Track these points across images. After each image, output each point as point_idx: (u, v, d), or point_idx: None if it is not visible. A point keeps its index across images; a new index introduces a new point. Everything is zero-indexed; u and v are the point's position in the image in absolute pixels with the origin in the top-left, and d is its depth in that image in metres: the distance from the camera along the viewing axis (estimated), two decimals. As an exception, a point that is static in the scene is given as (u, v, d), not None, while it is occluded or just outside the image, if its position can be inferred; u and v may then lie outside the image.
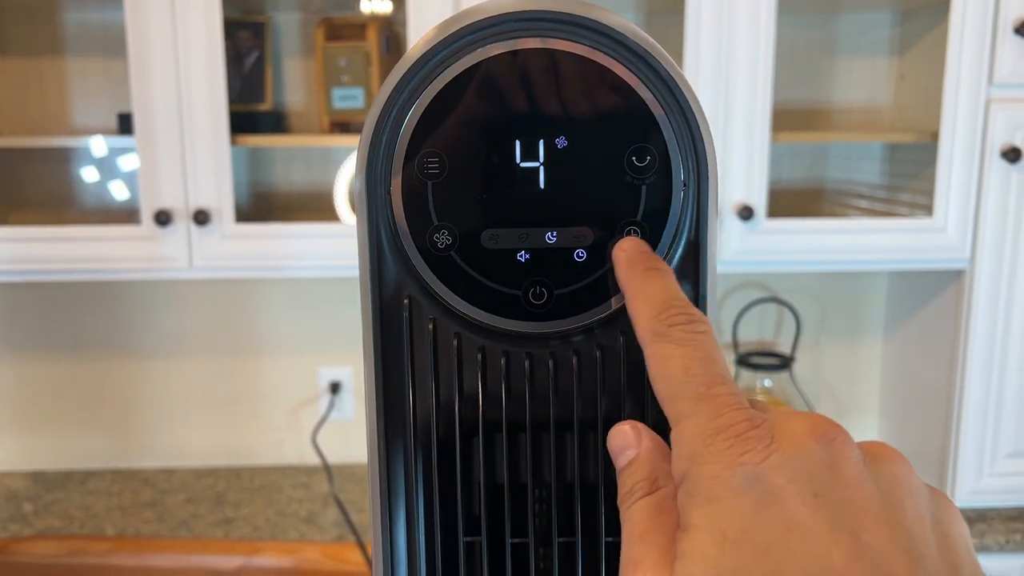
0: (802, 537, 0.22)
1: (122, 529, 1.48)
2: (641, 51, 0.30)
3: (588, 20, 0.30)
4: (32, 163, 1.60)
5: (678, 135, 0.30)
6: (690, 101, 0.30)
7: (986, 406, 1.49)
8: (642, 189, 0.30)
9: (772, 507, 0.23)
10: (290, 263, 1.43)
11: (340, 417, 1.73)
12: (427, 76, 0.30)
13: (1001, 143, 1.40)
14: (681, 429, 0.25)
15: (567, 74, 0.30)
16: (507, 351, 0.31)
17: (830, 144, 1.69)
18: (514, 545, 0.32)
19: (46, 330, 1.70)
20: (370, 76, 1.47)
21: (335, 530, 1.48)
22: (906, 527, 0.23)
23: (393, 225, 0.30)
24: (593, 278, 0.31)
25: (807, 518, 0.22)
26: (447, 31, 0.30)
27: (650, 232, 0.30)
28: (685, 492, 0.25)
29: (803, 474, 0.23)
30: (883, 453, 0.25)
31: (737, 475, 0.23)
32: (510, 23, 0.30)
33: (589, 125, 0.30)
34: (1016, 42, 1.36)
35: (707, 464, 0.24)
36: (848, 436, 0.25)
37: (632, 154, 0.30)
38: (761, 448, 0.24)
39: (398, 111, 0.30)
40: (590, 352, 0.31)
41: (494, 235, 0.30)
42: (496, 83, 0.30)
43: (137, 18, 1.33)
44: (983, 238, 1.43)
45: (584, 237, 0.30)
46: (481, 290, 0.30)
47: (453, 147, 0.30)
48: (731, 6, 1.36)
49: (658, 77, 0.30)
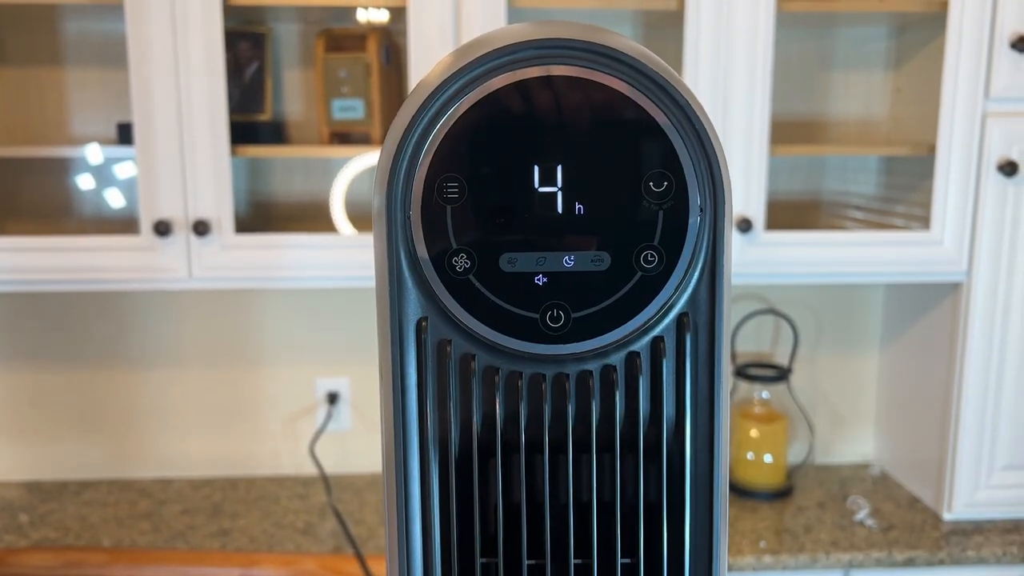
0: None
1: (118, 540, 1.48)
2: (658, 77, 0.30)
3: (605, 48, 0.30)
4: (31, 173, 1.60)
5: (695, 161, 0.30)
6: (706, 127, 0.30)
7: (983, 418, 1.49)
8: (659, 214, 0.30)
9: None
10: (289, 273, 1.43)
11: (338, 428, 1.73)
12: (446, 102, 0.30)
13: (998, 156, 1.41)
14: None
15: (584, 100, 0.30)
16: (524, 373, 0.31)
17: (827, 157, 1.70)
18: (530, 566, 0.32)
19: (44, 340, 1.70)
20: (370, 87, 1.47)
21: (332, 541, 1.47)
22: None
23: (412, 249, 0.30)
24: (610, 301, 0.31)
25: None
26: (465, 59, 0.30)
27: (667, 256, 0.30)
28: None
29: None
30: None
31: None
32: (525, 51, 0.30)
33: (606, 150, 0.30)
34: (1012, 56, 1.37)
35: None
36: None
37: (650, 179, 0.30)
38: None
39: (418, 137, 0.30)
40: (607, 374, 0.31)
41: (512, 259, 0.30)
42: (514, 109, 0.30)
43: (138, 28, 1.33)
44: (980, 251, 1.44)
45: (602, 261, 0.31)
46: (499, 313, 0.31)
47: (472, 172, 0.30)
48: (729, 20, 1.37)
49: (675, 103, 0.30)
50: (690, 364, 0.31)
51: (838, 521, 1.53)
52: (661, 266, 0.31)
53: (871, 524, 1.51)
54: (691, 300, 0.31)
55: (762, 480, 1.63)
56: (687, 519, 0.32)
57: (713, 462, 0.31)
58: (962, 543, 1.46)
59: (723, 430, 0.32)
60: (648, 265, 0.31)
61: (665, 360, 0.31)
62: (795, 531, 1.50)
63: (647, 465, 0.32)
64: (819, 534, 1.48)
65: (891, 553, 1.43)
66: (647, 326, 0.31)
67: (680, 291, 0.31)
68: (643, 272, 0.31)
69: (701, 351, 0.31)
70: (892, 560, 1.43)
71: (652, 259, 0.31)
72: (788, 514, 1.57)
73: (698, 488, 0.32)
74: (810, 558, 1.42)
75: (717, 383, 0.32)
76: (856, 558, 1.42)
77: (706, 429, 0.32)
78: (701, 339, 0.31)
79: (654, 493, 0.32)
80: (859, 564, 1.43)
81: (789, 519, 1.55)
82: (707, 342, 0.31)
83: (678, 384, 0.31)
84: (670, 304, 0.31)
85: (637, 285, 0.31)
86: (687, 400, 0.31)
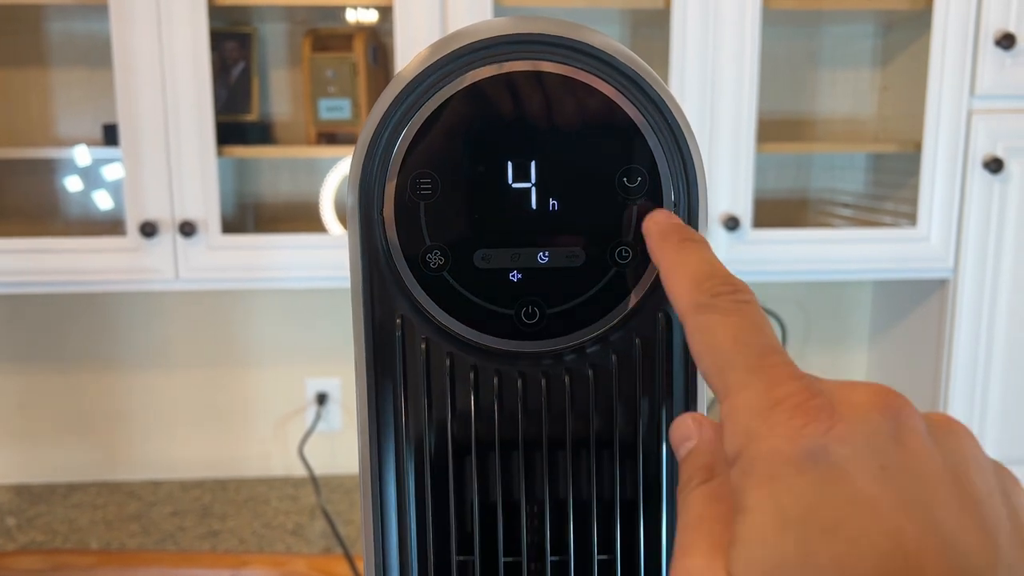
0: (871, 513, 0.20)
1: (107, 543, 1.47)
2: (631, 72, 0.30)
3: (578, 43, 0.30)
4: (15, 174, 1.59)
5: (668, 156, 0.30)
6: (679, 121, 0.30)
7: (970, 414, 1.50)
8: (633, 209, 0.30)
9: (837, 483, 0.21)
10: (276, 274, 1.42)
11: (327, 428, 1.73)
12: (420, 97, 0.30)
13: (983, 154, 1.41)
14: (733, 403, 0.23)
15: (558, 96, 0.30)
16: (499, 370, 0.31)
17: (814, 155, 1.70)
18: (507, 564, 0.32)
19: (30, 342, 1.69)
20: (357, 87, 1.47)
21: (322, 542, 1.47)
22: (977, 500, 0.21)
23: (386, 245, 0.30)
24: (585, 297, 0.31)
25: (876, 493, 0.21)
26: (440, 53, 0.30)
27: (642, 250, 0.30)
28: (740, 471, 0.22)
29: (868, 446, 0.21)
30: (949, 425, 0.23)
31: (799, 449, 0.21)
32: (502, 46, 0.30)
33: (580, 146, 0.30)
34: (997, 54, 1.38)
35: (765, 439, 0.22)
36: (913, 406, 0.23)
37: (623, 175, 0.30)
38: (824, 419, 0.22)
39: (391, 132, 0.30)
40: (582, 371, 0.31)
41: (486, 255, 0.30)
42: (488, 105, 0.30)
43: (123, 29, 1.32)
44: (966, 248, 1.45)
45: (576, 257, 0.31)
46: (473, 310, 0.31)
47: (445, 168, 0.30)
48: (716, 18, 1.37)
49: (647, 98, 0.30)
50: (665, 360, 0.31)
51: (827, 518, 1.53)
52: (636, 261, 0.31)
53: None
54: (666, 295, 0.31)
55: (752, 477, 1.63)
56: (663, 516, 0.32)
57: None
58: (950, 539, 1.46)
59: None
60: (623, 260, 0.31)
61: (641, 356, 0.31)
62: (784, 528, 1.50)
63: (623, 461, 0.32)
64: (808, 531, 1.49)
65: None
66: (623, 321, 0.31)
67: (655, 286, 0.31)
68: (618, 268, 0.31)
69: (676, 346, 0.31)
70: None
71: (626, 255, 0.30)
72: (777, 511, 1.57)
73: (675, 484, 0.32)
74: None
75: (695, 378, 0.32)
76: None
77: None
78: (677, 334, 0.31)
79: (630, 490, 0.32)
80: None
81: (778, 516, 1.55)
82: (683, 337, 0.31)
83: (654, 380, 0.31)
84: (645, 299, 0.31)
85: (612, 280, 0.31)
86: (662, 396, 0.31)
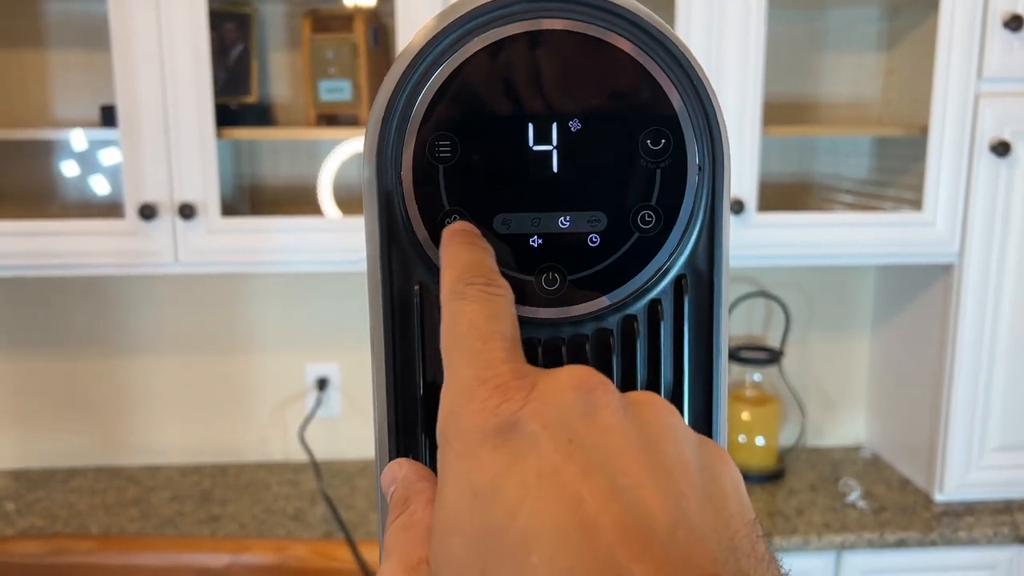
0: (554, 484, 0.21)
1: (106, 528, 1.46)
2: (656, 32, 0.29)
3: (602, 1, 0.29)
4: (12, 156, 1.57)
5: (693, 118, 0.29)
6: (705, 83, 0.29)
7: (974, 400, 1.49)
8: (657, 172, 0.29)
9: (526, 457, 0.22)
10: (276, 257, 1.41)
11: (327, 414, 1.72)
12: (437, 58, 0.29)
13: (990, 137, 1.40)
14: (447, 384, 0.24)
15: (581, 56, 0.29)
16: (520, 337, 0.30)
17: (819, 139, 1.69)
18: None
19: (28, 326, 1.68)
20: (357, 68, 1.45)
21: (323, 527, 1.46)
22: (666, 467, 0.22)
23: (404, 210, 0.29)
24: (607, 263, 0.30)
25: (560, 464, 0.21)
26: (458, 12, 0.29)
27: (665, 215, 0.29)
28: (441, 450, 0.23)
29: (558, 421, 0.22)
30: (648, 401, 0.24)
31: (491, 426, 0.22)
32: (522, 3, 0.29)
33: (603, 108, 0.29)
34: (1005, 36, 1.37)
35: (465, 418, 0.23)
36: (610, 385, 0.24)
37: (647, 137, 0.29)
38: (520, 398, 0.23)
39: (408, 95, 0.29)
40: (603, 338, 0.30)
41: (506, 220, 0.29)
42: (508, 65, 0.29)
43: (121, 9, 1.31)
44: (972, 232, 1.44)
45: (598, 222, 0.30)
46: None
47: (465, 130, 0.29)
48: (721, 2, 1.36)
49: (673, 59, 0.29)
50: (688, 327, 0.30)
51: (830, 503, 1.53)
52: (659, 227, 0.30)
53: (863, 506, 1.51)
54: (689, 262, 0.30)
55: (754, 463, 1.63)
56: None
57: (712, 427, 0.30)
58: (953, 524, 1.46)
59: (722, 391, 0.31)
60: (645, 226, 0.30)
61: (663, 323, 0.30)
62: (787, 513, 1.50)
63: None
64: (811, 516, 1.48)
65: (883, 534, 1.43)
66: (644, 288, 0.30)
67: (678, 252, 0.30)
68: (640, 233, 0.30)
69: (700, 314, 0.30)
70: (884, 541, 1.43)
71: (649, 219, 0.29)
72: (780, 496, 1.57)
73: None
74: (802, 540, 1.42)
75: (716, 346, 0.31)
76: (848, 540, 1.42)
77: (704, 394, 0.31)
78: (700, 302, 0.30)
79: None
80: (851, 546, 1.43)
81: (781, 501, 1.55)
82: (706, 305, 0.30)
83: (676, 348, 0.30)
84: (668, 266, 0.30)
85: (634, 246, 0.30)
86: (685, 364, 0.30)
